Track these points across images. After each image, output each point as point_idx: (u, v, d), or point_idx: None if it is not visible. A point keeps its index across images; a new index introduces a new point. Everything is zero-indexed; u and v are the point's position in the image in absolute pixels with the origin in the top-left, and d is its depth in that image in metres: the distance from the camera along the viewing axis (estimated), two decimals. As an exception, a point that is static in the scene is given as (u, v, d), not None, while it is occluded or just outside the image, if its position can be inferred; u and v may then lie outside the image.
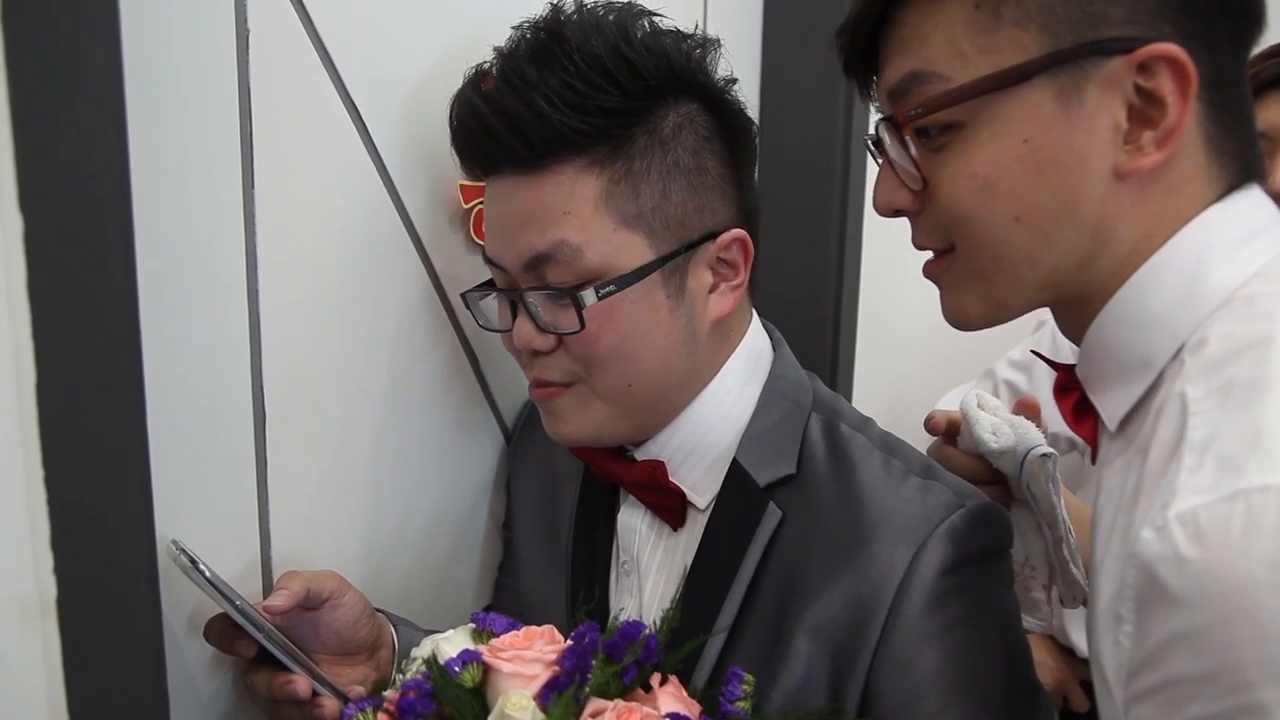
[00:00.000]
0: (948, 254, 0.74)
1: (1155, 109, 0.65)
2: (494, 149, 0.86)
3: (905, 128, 0.70)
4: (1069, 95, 0.65)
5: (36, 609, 0.67)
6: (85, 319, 0.68)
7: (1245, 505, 0.53)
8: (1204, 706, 0.55)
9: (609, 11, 0.86)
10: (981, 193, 0.68)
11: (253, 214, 0.86)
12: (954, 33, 0.68)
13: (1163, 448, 0.61)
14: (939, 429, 1.03)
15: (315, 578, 0.89)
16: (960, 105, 0.67)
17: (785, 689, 0.84)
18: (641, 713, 0.66)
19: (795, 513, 0.88)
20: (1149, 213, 0.67)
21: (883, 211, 0.77)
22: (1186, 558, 0.54)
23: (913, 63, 0.70)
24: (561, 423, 0.92)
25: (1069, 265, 0.69)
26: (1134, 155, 0.65)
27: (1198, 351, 0.63)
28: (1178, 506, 0.56)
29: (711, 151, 0.89)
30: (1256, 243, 0.66)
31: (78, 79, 0.65)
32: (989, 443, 0.95)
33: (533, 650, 0.71)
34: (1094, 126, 0.65)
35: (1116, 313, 0.69)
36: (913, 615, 0.81)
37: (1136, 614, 0.58)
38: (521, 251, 0.86)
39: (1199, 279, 0.66)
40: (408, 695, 0.69)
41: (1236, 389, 0.59)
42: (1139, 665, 0.58)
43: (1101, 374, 0.71)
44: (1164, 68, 0.64)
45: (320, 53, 0.89)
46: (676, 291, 0.88)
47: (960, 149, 0.69)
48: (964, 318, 0.75)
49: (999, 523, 0.87)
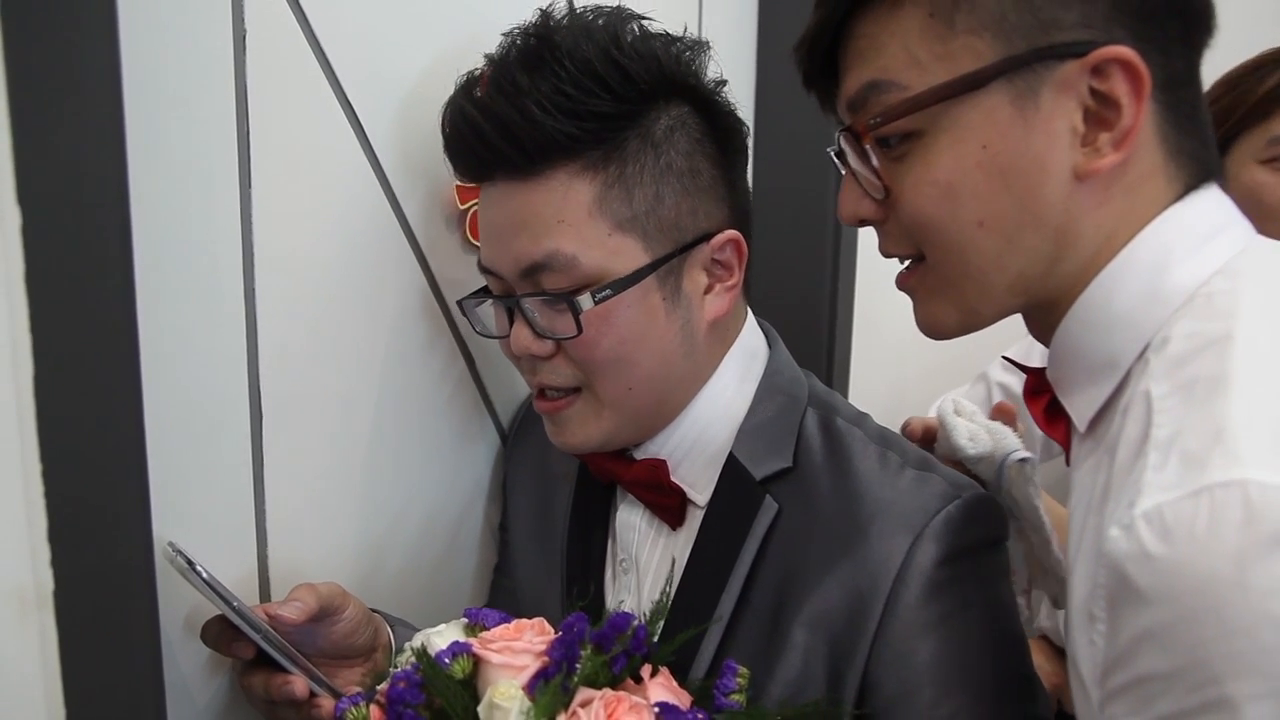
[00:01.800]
0: (919, 265, 0.75)
1: (1111, 111, 0.65)
2: (487, 155, 0.86)
3: (865, 137, 0.71)
4: (1025, 100, 0.66)
5: (33, 601, 0.68)
6: (83, 314, 0.69)
7: (1209, 501, 0.54)
8: (1174, 702, 0.55)
9: (599, 16, 0.87)
10: (944, 199, 0.69)
11: (249, 214, 0.87)
12: (909, 41, 0.69)
13: (1129, 446, 0.62)
14: (915, 436, 1.04)
15: (328, 594, 0.89)
16: (919, 113, 0.68)
17: (783, 681, 0.84)
18: (629, 702, 0.67)
19: (792, 506, 0.88)
20: (1110, 213, 0.68)
21: (847, 221, 0.78)
22: (1153, 555, 0.55)
23: (870, 72, 0.71)
24: (569, 433, 0.93)
25: (1035, 269, 0.69)
26: (1092, 156, 0.66)
27: (1161, 350, 0.64)
28: (1144, 504, 0.56)
29: (704, 153, 0.90)
30: (1216, 241, 0.67)
31: (76, 77, 0.66)
32: (966, 449, 0.96)
33: (522, 641, 0.72)
34: (1051, 130, 0.66)
35: (1081, 315, 0.69)
36: (910, 605, 0.81)
37: (1108, 612, 0.58)
38: (517, 259, 0.87)
39: (1161, 279, 0.66)
40: (397, 686, 0.70)
41: (1199, 386, 0.59)
42: (1112, 663, 0.59)
43: (1070, 375, 0.72)
44: (1117, 70, 0.64)
45: (317, 54, 0.90)
46: (672, 294, 0.89)
47: (921, 157, 0.69)
48: (938, 326, 0.76)
49: (995, 514, 0.87)
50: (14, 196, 0.64)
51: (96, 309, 0.69)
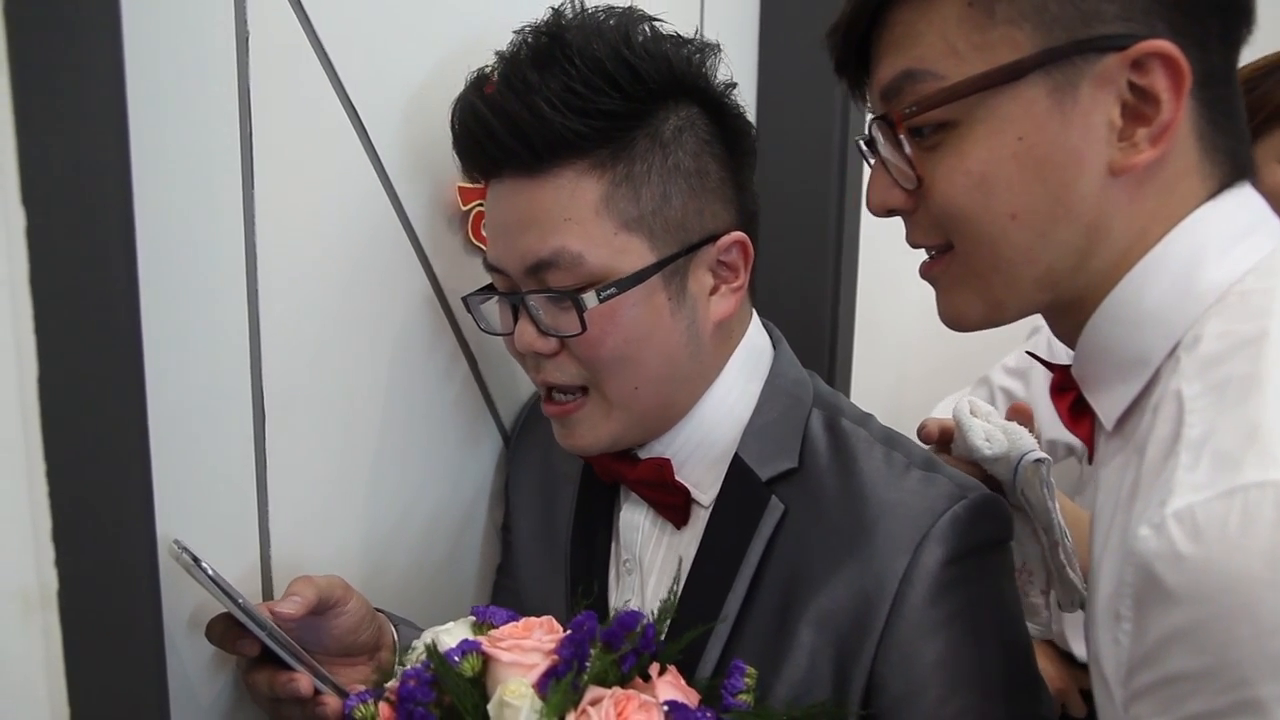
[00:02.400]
0: (945, 254, 0.74)
1: (1149, 106, 0.65)
2: (495, 152, 0.87)
3: (899, 126, 0.71)
4: (1063, 92, 0.65)
5: (38, 601, 0.68)
6: (87, 314, 0.68)
7: (1242, 501, 0.54)
8: (1204, 703, 0.55)
9: (610, 16, 0.87)
10: (977, 190, 0.68)
11: (252, 215, 0.87)
12: (948, 31, 0.68)
13: (1160, 445, 0.61)
14: (932, 438, 1.04)
15: (326, 585, 0.89)
16: (954, 103, 0.68)
17: (789, 681, 0.84)
18: (638, 700, 0.67)
19: (798, 506, 0.88)
20: (1143, 210, 0.67)
21: (877, 211, 0.77)
22: (1184, 554, 0.55)
23: (906, 61, 0.70)
24: (578, 435, 0.93)
25: (1065, 264, 0.69)
26: (1128, 152, 0.66)
27: (1193, 349, 0.63)
28: (1175, 504, 0.56)
29: (712, 154, 0.90)
30: (1249, 240, 0.67)
31: (80, 79, 0.66)
32: (982, 449, 0.96)
33: (531, 640, 0.72)
34: (1088, 123, 0.66)
35: (1112, 311, 0.69)
36: (916, 606, 0.81)
37: (1135, 611, 0.58)
38: (523, 256, 0.87)
39: (1193, 277, 0.66)
40: (408, 684, 0.69)
41: (1232, 386, 0.59)
42: (1138, 663, 0.58)
43: (1098, 373, 0.71)
44: (1157, 64, 0.64)
45: (319, 54, 0.90)
46: (678, 294, 0.89)
47: (955, 147, 0.69)
48: (961, 318, 0.75)
49: (1001, 514, 0.87)
50: (18, 198, 0.64)
51: (100, 310, 0.69)
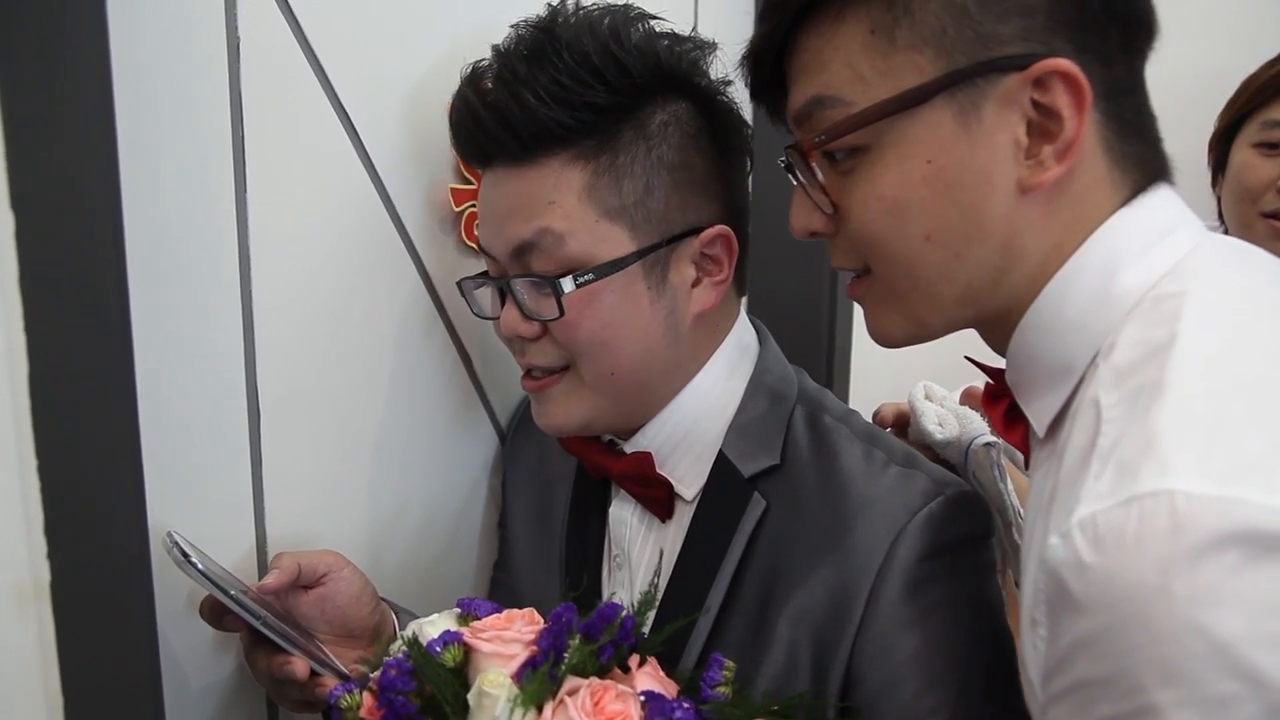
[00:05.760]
0: (867, 275, 0.75)
1: (1053, 123, 0.65)
2: (485, 142, 0.90)
3: (811, 153, 0.72)
4: (968, 114, 0.66)
5: (31, 594, 0.69)
6: (77, 313, 0.70)
7: (1138, 510, 0.54)
8: (1109, 708, 0.56)
9: (605, 14, 0.89)
10: (891, 214, 0.69)
11: (245, 218, 0.88)
12: (852, 57, 0.69)
13: (1076, 454, 0.62)
14: (886, 422, 1.04)
15: (308, 556, 0.92)
16: (863, 129, 0.68)
17: (769, 674, 0.85)
18: (615, 690, 0.68)
19: (779, 502, 0.89)
20: (1056, 224, 0.68)
21: (799, 235, 0.78)
22: (1087, 563, 0.55)
23: (814, 87, 0.71)
24: (551, 413, 0.95)
25: (984, 281, 0.70)
26: (1036, 170, 0.66)
27: (1109, 356, 0.64)
28: (1080, 513, 0.57)
29: (697, 149, 0.91)
30: (1165, 242, 0.67)
31: (68, 83, 0.68)
32: (934, 434, 0.96)
33: (512, 631, 0.73)
34: (995, 143, 0.66)
35: (1036, 321, 0.70)
36: (892, 600, 0.82)
37: (1048, 618, 0.59)
38: (509, 239, 0.89)
39: (1110, 283, 0.66)
40: (389, 673, 0.71)
41: (1141, 395, 0.60)
42: (1053, 668, 0.59)
43: (1028, 381, 0.72)
44: (1058, 82, 0.64)
45: (310, 59, 0.92)
46: (658, 284, 0.90)
47: (867, 172, 0.70)
48: (888, 336, 0.77)
49: (978, 510, 0.87)
50: (7, 202, 0.66)
51: (90, 308, 0.71)
